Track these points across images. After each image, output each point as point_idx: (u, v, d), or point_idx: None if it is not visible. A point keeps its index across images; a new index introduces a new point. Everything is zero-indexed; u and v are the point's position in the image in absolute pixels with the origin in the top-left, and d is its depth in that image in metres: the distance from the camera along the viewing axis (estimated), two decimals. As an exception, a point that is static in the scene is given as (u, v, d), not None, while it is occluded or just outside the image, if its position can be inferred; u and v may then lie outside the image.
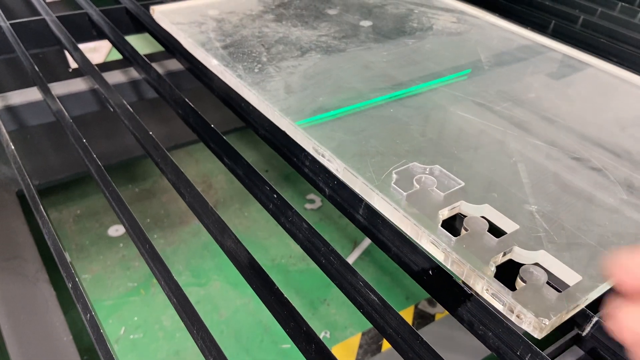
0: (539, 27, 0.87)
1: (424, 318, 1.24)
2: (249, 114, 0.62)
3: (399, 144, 0.54)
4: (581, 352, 0.41)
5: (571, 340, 0.41)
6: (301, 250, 1.51)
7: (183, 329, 1.19)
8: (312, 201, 1.54)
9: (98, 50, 2.14)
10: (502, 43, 0.77)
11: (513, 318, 0.37)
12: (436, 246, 0.42)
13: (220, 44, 0.73)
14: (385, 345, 1.17)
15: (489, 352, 0.42)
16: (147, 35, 0.90)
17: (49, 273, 1.01)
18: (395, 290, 1.30)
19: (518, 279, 0.39)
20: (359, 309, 0.42)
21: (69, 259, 0.42)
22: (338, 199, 0.51)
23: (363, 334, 1.20)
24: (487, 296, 0.39)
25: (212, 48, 0.72)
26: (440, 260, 0.42)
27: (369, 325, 1.21)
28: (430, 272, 0.43)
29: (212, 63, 0.69)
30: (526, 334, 0.38)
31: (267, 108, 0.60)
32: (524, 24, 0.82)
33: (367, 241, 1.42)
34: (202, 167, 1.65)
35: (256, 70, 0.67)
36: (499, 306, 0.38)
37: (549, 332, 0.37)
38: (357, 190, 0.49)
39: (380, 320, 0.40)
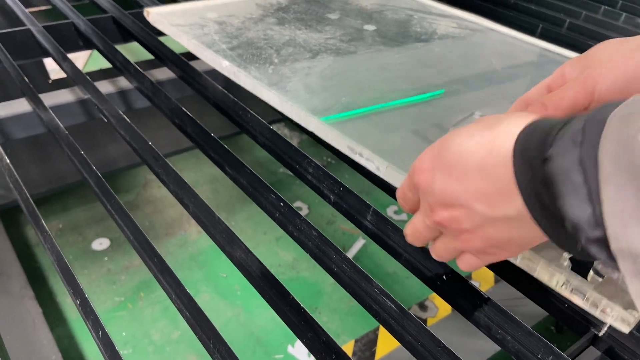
0: (527, 32, 0.88)
1: (416, 323, 1.24)
2: (247, 122, 0.61)
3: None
4: (598, 353, 0.41)
5: (587, 342, 0.41)
6: (290, 258, 1.48)
7: (172, 342, 1.17)
8: (299, 209, 1.53)
9: (75, 60, 2.10)
10: (505, 48, 0.77)
11: (597, 313, 0.36)
12: None
13: (227, 46, 0.71)
14: (379, 352, 1.17)
15: (491, 354, 0.42)
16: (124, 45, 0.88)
17: (34, 289, 0.98)
18: (386, 296, 1.30)
19: (592, 273, 0.38)
20: (374, 317, 0.42)
21: (75, 275, 0.40)
22: (344, 205, 0.50)
23: (356, 341, 1.19)
24: (563, 291, 0.38)
25: (219, 50, 0.70)
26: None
27: (361, 332, 1.20)
28: (445, 277, 0.43)
29: (223, 64, 0.67)
30: (546, 336, 0.38)
31: (291, 108, 0.58)
32: (512, 28, 0.83)
33: (355, 248, 1.42)
34: (186, 177, 1.62)
35: (270, 71, 0.66)
36: (578, 301, 0.37)
37: (634, 326, 0.36)
38: None
39: (398, 327, 0.40)
